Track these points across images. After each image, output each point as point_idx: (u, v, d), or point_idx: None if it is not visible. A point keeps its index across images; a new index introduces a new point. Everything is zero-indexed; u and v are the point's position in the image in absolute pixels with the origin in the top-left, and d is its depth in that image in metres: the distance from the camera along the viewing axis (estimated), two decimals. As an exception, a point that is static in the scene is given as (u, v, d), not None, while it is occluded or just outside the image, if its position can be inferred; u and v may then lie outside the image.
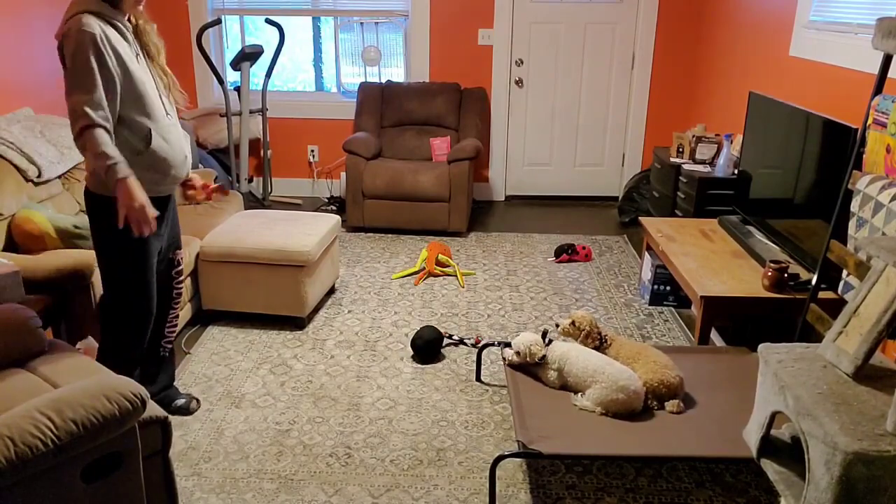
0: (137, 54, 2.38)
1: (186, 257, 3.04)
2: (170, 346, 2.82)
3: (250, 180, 5.41)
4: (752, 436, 1.98)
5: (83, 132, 2.18)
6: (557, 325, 2.77)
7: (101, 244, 2.46)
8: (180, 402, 2.85)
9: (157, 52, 2.45)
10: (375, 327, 3.60)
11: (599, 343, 2.70)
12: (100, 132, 2.18)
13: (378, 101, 5.38)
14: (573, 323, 2.73)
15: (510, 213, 5.53)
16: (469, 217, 5.07)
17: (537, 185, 5.82)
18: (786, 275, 2.90)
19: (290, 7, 5.50)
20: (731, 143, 4.14)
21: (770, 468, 1.92)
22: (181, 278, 2.76)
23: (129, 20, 2.36)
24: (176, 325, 2.82)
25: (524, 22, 5.40)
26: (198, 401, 2.91)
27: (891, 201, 2.18)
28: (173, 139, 2.44)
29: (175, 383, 2.93)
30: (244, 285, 3.50)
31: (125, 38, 2.32)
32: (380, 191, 4.85)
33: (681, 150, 4.47)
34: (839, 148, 2.77)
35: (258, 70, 5.26)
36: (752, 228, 3.54)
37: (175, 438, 2.43)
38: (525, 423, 2.36)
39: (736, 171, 3.91)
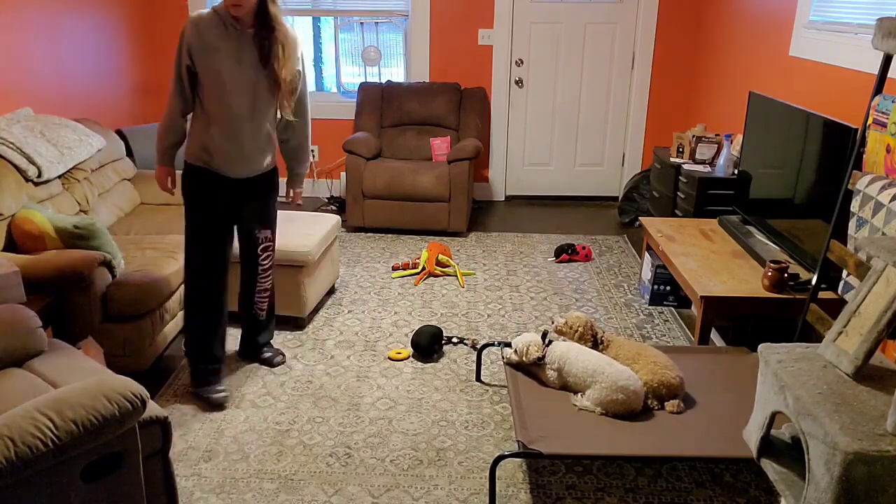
0: (241, 53, 2.63)
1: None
2: (262, 311, 3.16)
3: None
4: (752, 436, 1.98)
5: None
6: (552, 322, 2.77)
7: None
8: (266, 354, 3.22)
9: (274, 59, 2.64)
10: (375, 327, 3.60)
11: (594, 344, 2.70)
12: (164, 117, 2.77)
13: (378, 101, 5.38)
14: (567, 322, 2.74)
15: (510, 213, 5.53)
16: (469, 217, 5.07)
17: (537, 185, 5.82)
18: (786, 275, 2.90)
19: (290, 7, 5.51)
20: (731, 143, 4.14)
21: (770, 468, 1.92)
22: (265, 255, 3.05)
23: (252, 24, 2.62)
24: (266, 296, 3.15)
25: (524, 22, 5.40)
26: (283, 355, 3.26)
27: (891, 201, 2.18)
28: (240, 137, 2.72)
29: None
30: (244, 285, 3.49)
31: (229, 36, 2.61)
32: (380, 191, 4.85)
33: (681, 150, 4.47)
34: (839, 148, 2.77)
35: (258, 70, 5.25)
36: (752, 228, 3.54)
37: (175, 438, 2.44)
38: (525, 423, 2.36)
39: (736, 171, 3.91)
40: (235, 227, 2.94)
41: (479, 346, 3.18)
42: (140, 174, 4.29)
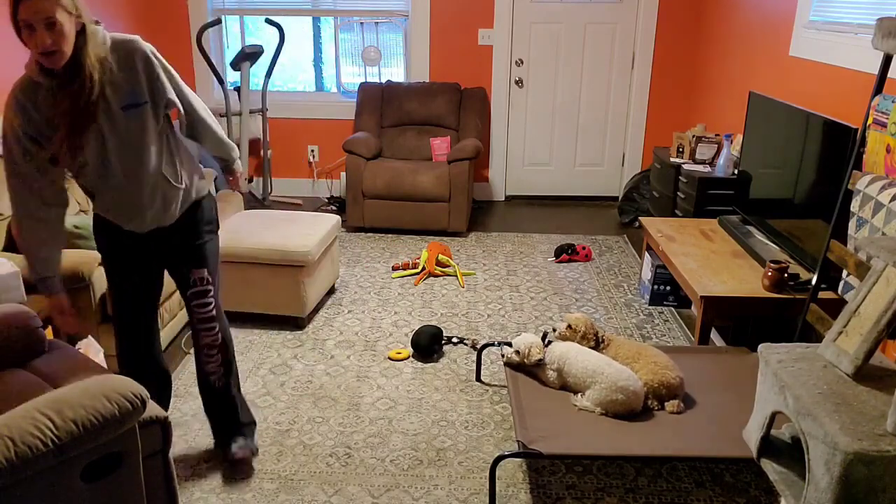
0: (80, 118, 2.07)
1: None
2: (215, 374, 2.45)
3: (250, 180, 5.40)
4: (752, 436, 1.98)
5: None
6: (555, 330, 2.78)
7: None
8: (234, 446, 2.50)
9: (109, 108, 2.09)
10: (375, 327, 3.60)
11: (595, 344, 2.70)
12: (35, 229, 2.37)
13: (378, 101, 5.38)
14: (569, 326, 2.74)
15: (510, 213, 5.53)
16: (469, 217, 5.07)
17: (537, 185, 5.82)
18: (786, 275, 2.90)
19: (290, 7, 5.50)
20: (731, 143, 4.14)
21: (770, 468, 1.92)
22: (200, 300, 2.37)
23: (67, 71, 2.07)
24: (214, 354, 2.44)
25: (524, 22, 5.40)
26: (254, 451, 2.56)
27: (891, 201, 2.18)
28: (131, 203, 2.23)
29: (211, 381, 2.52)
30: (244, 285, 3.49)
31: (56, 104, 2.10)
32: (380, 191, 4.85)
33: (681, 150, 4.47)
34: (839, 148, 2.77)
35: (258, 70, 5.26)
36: (752, 228, 3.54)
37: (175, 438, 2.43)
38: (525, 423, 2.36)
39: (736, 171, 3.91)
40: (166, 270, 2.47)
41: (479, 346, 3.18)
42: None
